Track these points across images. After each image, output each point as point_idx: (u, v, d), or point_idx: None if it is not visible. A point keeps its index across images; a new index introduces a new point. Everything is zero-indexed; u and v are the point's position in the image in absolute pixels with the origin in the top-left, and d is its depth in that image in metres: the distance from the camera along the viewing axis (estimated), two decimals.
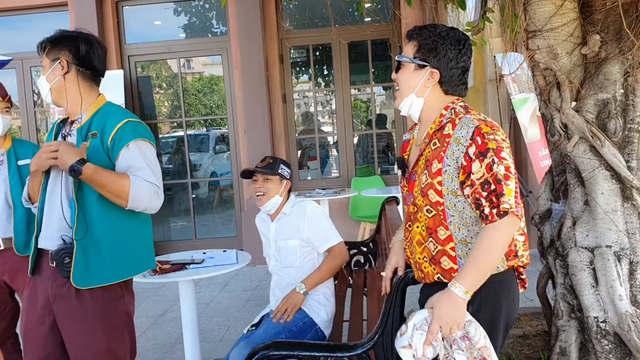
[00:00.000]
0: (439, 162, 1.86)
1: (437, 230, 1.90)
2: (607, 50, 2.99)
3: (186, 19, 7.34)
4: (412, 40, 1.97)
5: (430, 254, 1.92)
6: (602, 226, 2.94)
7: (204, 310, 5.01)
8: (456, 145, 1.83)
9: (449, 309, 1.75)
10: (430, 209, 1.90)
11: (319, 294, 2.92)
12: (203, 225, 7.53)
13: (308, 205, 2.95)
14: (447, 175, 1.85)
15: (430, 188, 1.88)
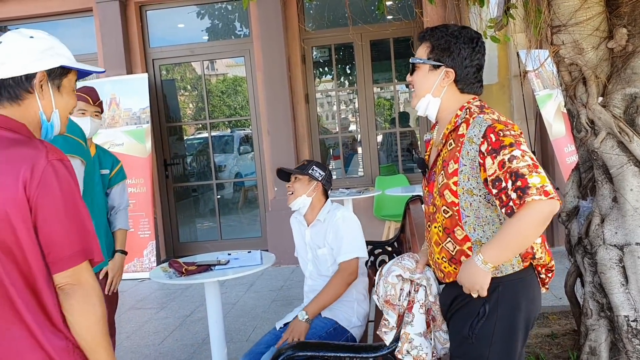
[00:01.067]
0: (454, 163, 1.88)
1: (455, 231, 1.91)
2: (634, 43, 2.93)
3: (209, 22, 7.40)
4: (424, 42, 1.99)
5: (449, 254, 1.94)
6: (632, 223, 2.88)
7: (230, 311, 5.04)
8: (470, 144, 1.84)
9: (468, 275, 1.80)
10: (446, 209, 1.92)
11: (351, 300, 2.89)
12: (228, 226, 7.59)
13: (339, 212, 2.91)
14: (462, 175, 1.86)
15: (446, 188, 1.90)
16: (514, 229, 1.72)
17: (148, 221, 6.54)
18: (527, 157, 1.73)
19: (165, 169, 7.29)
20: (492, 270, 1.78)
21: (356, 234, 2.87)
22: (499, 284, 1.86)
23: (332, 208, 2.97)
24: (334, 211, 2.94)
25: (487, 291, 1.82)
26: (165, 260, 6.71)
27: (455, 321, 1.97)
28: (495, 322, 1.88)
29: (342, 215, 2.89)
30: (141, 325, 4.89)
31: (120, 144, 6.66)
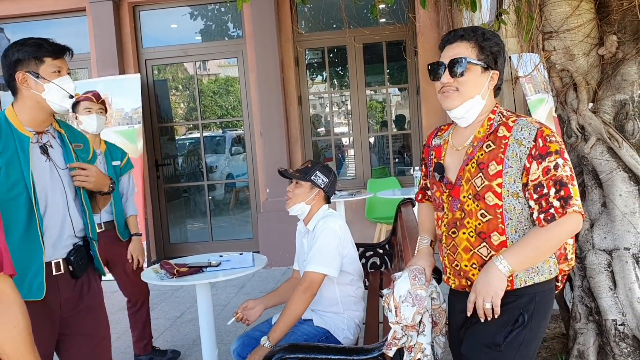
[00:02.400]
0: (497, 164, 1.86)
1: (491, 235, 1.88)
2: (624, 50, 2.97)
3: (202, 23, 7.39)
4: (466, 41, 1.94)
5: (481, 259, 1.90)
6: (620, 228, 2.91)
7: (220, 312, 5.04)
8: (518, 146, 1.84)
9: (484, 280, 1.82)
10: (485, 213, 1.88)
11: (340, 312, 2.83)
12: (219, 227, 7.57)
13: (321, 223, 2.76)
14: (508, 177, 1.85)
15: (488, 190, 1.86)
16: (545, 238, 1.79)
17: (139, 222, 6.49)
18: (567, 167, 1.80)
19: (156, 169, 7.27)
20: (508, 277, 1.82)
21: (329, 249, 2.70)
22: (536, 294, 1.89)
23: (324, 216, 2.81)
24: (318, 220, 2.79)
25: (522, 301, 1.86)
26: (156, 261, 6.69)
27: (482, 328, 1.91)
28: (527, 331, 1.88)
29: (324, 226, 2.74)
30: None
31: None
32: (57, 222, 2.20)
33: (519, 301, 1.89)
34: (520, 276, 1.88)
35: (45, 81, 2.16)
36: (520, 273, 1.88)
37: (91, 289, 2.34)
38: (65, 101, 2.21)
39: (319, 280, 2.66)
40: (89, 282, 2.33)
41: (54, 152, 2.25)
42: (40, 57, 2.17)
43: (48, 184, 2.19)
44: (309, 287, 2.64)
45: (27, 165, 2.11)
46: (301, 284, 2.66)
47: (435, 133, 2.16)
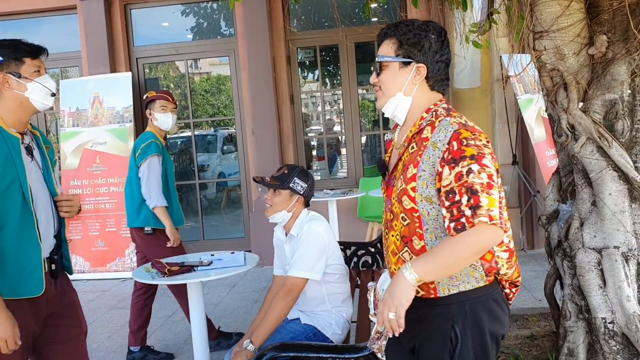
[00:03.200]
0: (414, 167, 1.76)
1: (412, 240, 1.79)
2: (614, 50, 2.98)
3: (194, 21, 7.38)
4: (388, 38, 1.86)
5: (404, 264, 1.76)
6: (610, 227, 2.93)
7: (212, 311, 5.03)
8: (433, 149, 1.73)
9: (390, 289, 1.69)
10: (405, 217, 1.79)
11: (328, 309, 2.83)
12: (211, 226, 7.56)
13: (306, 227, 2.75)
14: (421, 180, 1.75)
15: (404, 194, 1.78)
16: (455, 248, 1.63)
17: None
18: (484, 174, 1.64)
19: None
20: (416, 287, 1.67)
21: (312, 253, 2.68)
22: (465, 302, 1.77)
23: (306, 221, 2.79)
24: (302, 224, 2.78)
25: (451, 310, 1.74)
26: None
27: (426, 351, 1.82)
28: (473, 346, 1.76)
29: (309, 230, 2.73)
30: (123, 325, 4.86)
31: (103, 142, 6.61)
32: (43, 222, 2.24)
33: (448, 310, 1.76)
34: (443, 284, 1.78)
35: (27, 81, 2.19)
36: (443, 281, 1.77)
37: (70, 286, 2.42)
38: (48, 99, 2.25)
39: (301, 284, 2.67)
40: (66, 280, 2.41)
41: (36, 153, 2.30)
42: (20, 57, 2.19)
43: (35, 183, 2.22)
44: (290, 291, 2.65)
45: (22, 165, 2.15)
46: (282, 288, 2.66)
47: (394, 128, 2.04)
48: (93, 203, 6.56)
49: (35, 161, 2.27)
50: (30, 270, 2.14)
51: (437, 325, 1.78)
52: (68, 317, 2.36)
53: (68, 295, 2.38)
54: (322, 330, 2.77)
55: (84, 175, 6.60)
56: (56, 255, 2.29)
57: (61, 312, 2.32)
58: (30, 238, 2.14)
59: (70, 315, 2.37)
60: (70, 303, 2.39)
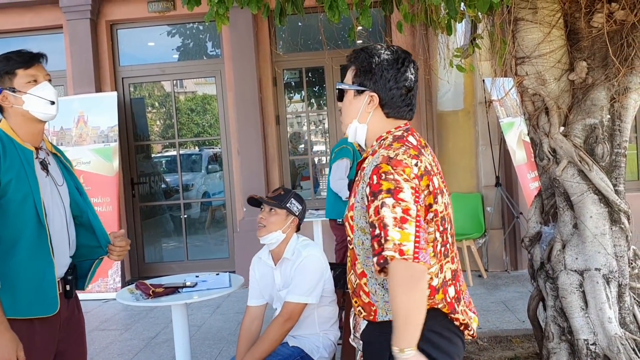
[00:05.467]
0: (354, 196, 1.78)
1: (356, 264, 1.81)
2: (593, 76, 3.06)
3: (180, 41, 7.41)
4: (351, 65, 1.86)
5: (352, 286, 1.85)
6: (591, 249, 2.98)
7: (195, 333, 4.99)
8: (363, 182, 1.74)
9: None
10: (351, 242, 1.82)
11: (316, 332, 2.82)
12: (195, 246, 7.52)
13: (304, 251, 2.73)
14: (356, 211, 1.76)
15: (346, 221, 1.82)
16: (396, 301, 1.56)
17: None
18: (399, 208, 1.59)
19: (132, 187, 7.21)
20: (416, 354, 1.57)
21: (312, 278, 2.67)
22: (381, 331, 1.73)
23: (301, 246, 2.77)
24: (300, 249, 2.75)
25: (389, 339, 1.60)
26: (131, 280, 6.61)
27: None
28: None
29: (307, 254, 2.71)
30: (105, 347, 4.80)
31: (87, 162, 6.57)
32: (57, 240, 2.16)
33: (386, 338, 1.63)
34: (381, 307, 1.76)
35: (21, 93, 2.12)
36: (379, 304, 1.76)
37: (79, 309, 2.35)
38: (49, 108, 2.16)
39: (300, 310, 2.66)
40: (77, 302, 2.33)
41: (52, 168, 2.22)
42: (11, 70, 2.12)
43: (49, 200, 2.15)
44: (290, 318, 2.63)
45: (35, 179, 2.09)
46: (282, 314, 2.64)
47: None
48: None
49: (51, 177, 2.19)
50: (45, 288, 2.07)
51: (379, 352, 1.74)
52: (75, 344, 2.27)
53: (77, 320, 2.31)
54: (309, 353, 2.76)
55: None
56: (70, 276, 2.21)
57: (69, 338, 2.23)
58: (44, 254, 2.07)
59: (76, 341, 2.29)
60: (78, 327, 2.31)
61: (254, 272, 2.93)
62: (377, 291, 1.76)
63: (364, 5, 3.23)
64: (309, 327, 2.81)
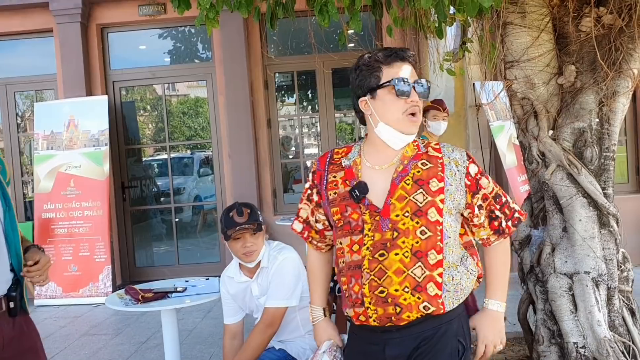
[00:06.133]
0: (439, 181, 1.82)
1: (428, 254, 1.78)
2: (582, 80, 3.07)
3: (171, 45, 7.40)
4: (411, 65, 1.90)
5: (415, 281, 1.77)
6: (581, 252, 2.99)
7: (186, 338, 4.97)
8: (455, 166, 1.86)
9: (493, 327, 1.90)
10: (425, 230, 1.79)
11: (301, 334, 2.81)
12: (186, 250, 7.50)
13: (280, 256, 2.71)
14: (449, 194, 1.82)
15: (431, 206, 1.79)
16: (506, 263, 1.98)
17: (104, 245, 6.42)
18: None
19: (122, 191, 7.18)
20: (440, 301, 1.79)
21: (290, 280, 2.65)
22: (460, 315, 1.87)
23: (276, 251, 2.74)
24: (275, 254, 2.72)
25: (454, 326, 1.83)
26: (121, 285, 6.58)
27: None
28: (469, 354, 1.86)
29: (284, 257, 2.69)
30: (95, 352, 4.77)
31: (78, 166, 6.55)
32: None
33: (452, 327, 1.82)
34: (449, 298, 1.81)
35: None
36: (448, 295, 1.81)
37: (29, 327, 2.15)
38: None
39: (281, 314, 2.64)
40: (27, 321, 2.15)
41: None
42: None
43: None
44: (272, 323, 2.61)
45: None
46: (262, 321, 2.62)
47: (330, 157, 1.99)
48: (67, 227, 6.47)
49: None
50: None
51: (444, 344, 1.81)
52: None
53: (28, 339, 2.11)
54: (296, 356, 2.75)
55: (58, 199, 6.51)
56: (14, 292, 2.04)
57: (17, 358, 2.05)
58: None
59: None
60: (28, 349, 2.10)
61: (225, 291, 2.86)
62: (452, 280, 1.83)
63: (354, 10, 3.23)
64: (294, 330, 2.80)
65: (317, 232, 2.02)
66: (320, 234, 2.01)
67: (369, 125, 1.93)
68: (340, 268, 1.90)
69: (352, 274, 1.83)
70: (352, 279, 1.84)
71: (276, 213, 6.97)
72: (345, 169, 1.93)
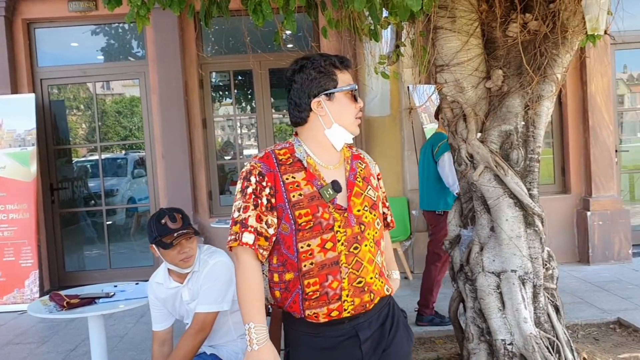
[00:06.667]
0: (374, 179, 2.07)
1: (380, 242, 2.00)
2: (509, 84, 3.17)
3: (104, 42, 7.18)
4: (348, 70, 2.00)
5: (379, 267, 1.96)
6: (507, 251, 3.08)
7: (118, 344, 4.82)
8: (372, 165, 2.11)
9: None
10: (379, 222, 2.00)
11: (234, 339, 2.77)
12: (119, 254, 7.28)
13: (211, 259, 2.66)
14: (380, 189, 2.13)
15: (379, 200, 2.04)
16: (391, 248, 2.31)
17: (31, 249, 6.15)
18: None
19: (51, 193, 6.90)
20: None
21: (222, 284, 2.62)
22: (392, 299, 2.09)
23: (207, 255, 2.70)
24: (206, 258, 2.67)
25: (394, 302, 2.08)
26: (49, 291, 6.32)
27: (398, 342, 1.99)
28: None
29: (215, 261, 2.65)
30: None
31: (3, 167, 6.25)
32: None
33: (395, 302, 2.09)
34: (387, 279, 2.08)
35: None
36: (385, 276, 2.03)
37: None
38: None
39: (212, 319, 2.59)
40: None
41: None
42: None
43: None
44: (202, 329, 2.55)
45: None
46: (192, 326, 2.56)
47: (275, 157, 1.95)
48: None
49: None
50: None
51: (398, 315, 2.04)
52: None
53: None
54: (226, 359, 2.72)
55: None
56: None
57: None
58: None
59: None
60: None
61: (154, 297, 2.78)
62: None
63: (289, 10, 3.22)
64: (226, 334, 2.76)
65: (267, 239, 1.88)
66: (269, 240, 1.89)
67: (317, 125, 1.95)
68: (306, 270, 1.85)
69: (328, 272, 1.84)
70: (327, 277, 1.84)
71: (212, 215, 6.87)
72: (306, 168, 1.92)
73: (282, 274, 1.88)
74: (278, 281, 1.90)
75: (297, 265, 1.85)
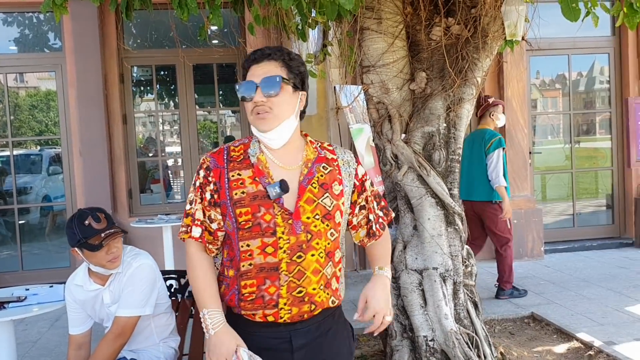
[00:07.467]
0: (339, 184, 1.90)
1: (335, 253, 1.88)
2: (432, 87, 3.25)
3: (17, 32, 6.79)
4: (276, 60, 1.85)
5: (326, 279, 1.85)
6: (429, 249, 3.15)
7: (30, 349, 4.58)
8: (347, 167, 1.94)
9: (385, 293, 1.95)
10: (333, 232, 1.86)
11: (155, 343, 2.70)
12: (33, 255, 6.92)
13: (134, 262, 2.56)
14: (346, 196, 1.92)
15: (337, 210, 1.87)
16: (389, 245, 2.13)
17: None
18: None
19: None
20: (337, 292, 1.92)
21: (145, 288, 2.53)
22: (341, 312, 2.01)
23: (130, 256, 2.60)
24: (130, 260, 2.57)
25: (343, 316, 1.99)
26: None
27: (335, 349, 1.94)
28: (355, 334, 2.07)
29: (138, 265, 2.55)
30: None
31: None
32: None
33: (342, 314, 2.00)
34: (341, 289, 1.95)
35: None
36: (341, 286, 1.94)
37: None
38: None
39: (133, 324, 2.50)
40: None
41: None
42: None
43: None
44: (122, 333, 2.47)
45: None
46: (112, 331, 2.47)
47: (227, 153, 1.90)
48: None
49: None
50: None
51: (341, 327, 1.98)
52: None
53: None
54: None
55: None
56: None
57: None
58: None
59: None
60: None
61: (72, 300, 2.66)
62: (343, 272, 1.98)
63: (215, 5, 3.16)
64: (147, 338, 2.67)
65: (212, 233, 1.87)
66: (214, 234, 1.88)
67: None
68: (245, 270, 1.81)
69: (267, 276, 1.80)
70: (265, 281, 1.80)
71: (132, 215, 6.65)
72: (254, 166, 1.86)
73: (228, 269, 1.87)
74: (225, 275, 1.88)
75: (237, 264, 1.83)
